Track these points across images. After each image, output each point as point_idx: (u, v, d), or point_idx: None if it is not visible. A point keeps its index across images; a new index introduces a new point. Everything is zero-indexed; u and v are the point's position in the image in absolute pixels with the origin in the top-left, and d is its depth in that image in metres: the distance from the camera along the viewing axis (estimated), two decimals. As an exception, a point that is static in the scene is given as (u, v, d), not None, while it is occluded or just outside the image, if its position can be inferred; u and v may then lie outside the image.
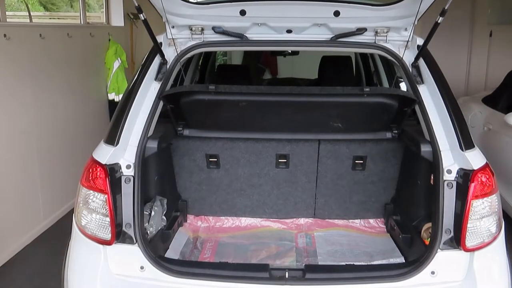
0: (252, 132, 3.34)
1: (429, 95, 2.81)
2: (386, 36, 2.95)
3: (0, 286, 3.89)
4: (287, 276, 2.50)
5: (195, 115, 3.13)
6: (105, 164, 2.50)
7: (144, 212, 2.81)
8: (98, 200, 2.49)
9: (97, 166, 2.50)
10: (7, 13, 4.56)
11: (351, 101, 2.96)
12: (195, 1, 2.99)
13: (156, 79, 2.90)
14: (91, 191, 2.50)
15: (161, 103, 2.86)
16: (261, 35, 3.00)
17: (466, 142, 2.55)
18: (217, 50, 5.37)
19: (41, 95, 4.68)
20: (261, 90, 3.15)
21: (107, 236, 2.49)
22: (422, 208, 3.02)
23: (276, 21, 2.93)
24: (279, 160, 3.43)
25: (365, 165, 3.41)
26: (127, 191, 2.54)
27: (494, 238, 2.49)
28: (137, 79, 2.84)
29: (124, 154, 2.60)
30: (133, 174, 2.56)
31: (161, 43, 2.95)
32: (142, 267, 2.51)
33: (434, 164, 2.61)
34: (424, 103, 2.78)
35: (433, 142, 2.65)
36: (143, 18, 2.63)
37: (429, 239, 2.63)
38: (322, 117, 3.10)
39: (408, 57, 2.96)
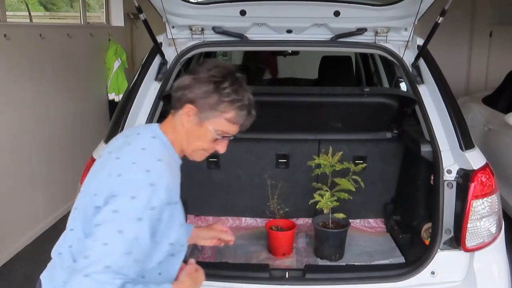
0: (252, 132, 3.31)
1: (429, 95, 2.80)
2: (386, 36, 2.95)
3: (0, 286, 3.88)
4: (287, 276, 2.51)
5: None
6: (105, 164, 2.49)
7: (144, 212, 2.79)
8: (98, 200, 2.47)
9: (97, 166, 2.48)
10: (7, 13, 4.56)
11: (351, 101, 2.95)
12: (195, 1, 2.99)
13: (156, 79, 2.89)
14: (91, 191, 2.48)
15: (161, 103, 2.86)
16: (261, 35, 3.00)
17: (466, 142, 2.55)
18: (217, 50, 5.36)
19: (41, 95, 4.68)
20: (261, 90, 3.15)
21: (107, 236, 2.47)
22: (422, 208, 3.02)
23: (276, 21, 2.93)
24: (279, 160, 3.42)
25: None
26: None
27: (494, 238, 2.49)
28: (137, 79, 2.84)
29: (124, 154, 2.59)
30: (133, 174, 2.55)
31: (161, 43, 2.95)
32: (142, 267, 2.50)
33: (434, 164, 2.61)
34: (424, 103, 2.78)
35: (433, 142, 2.65)
36: (143, 18, 2.64)
37: (429, 239, 2.63)
38: (322, 117, 3.10)
39: (408, 57, 2.95)
